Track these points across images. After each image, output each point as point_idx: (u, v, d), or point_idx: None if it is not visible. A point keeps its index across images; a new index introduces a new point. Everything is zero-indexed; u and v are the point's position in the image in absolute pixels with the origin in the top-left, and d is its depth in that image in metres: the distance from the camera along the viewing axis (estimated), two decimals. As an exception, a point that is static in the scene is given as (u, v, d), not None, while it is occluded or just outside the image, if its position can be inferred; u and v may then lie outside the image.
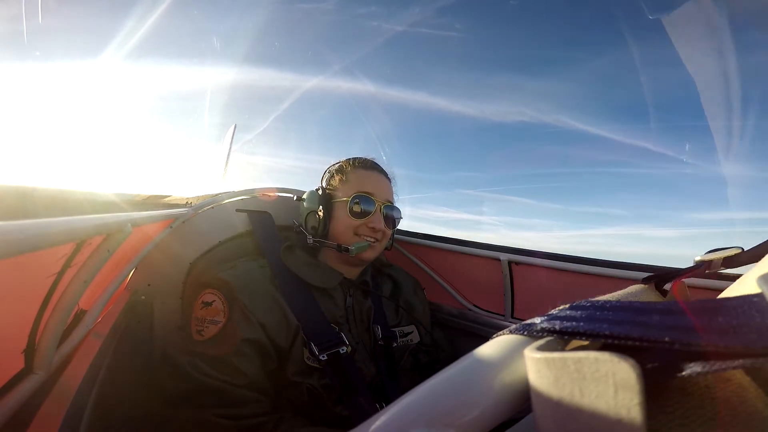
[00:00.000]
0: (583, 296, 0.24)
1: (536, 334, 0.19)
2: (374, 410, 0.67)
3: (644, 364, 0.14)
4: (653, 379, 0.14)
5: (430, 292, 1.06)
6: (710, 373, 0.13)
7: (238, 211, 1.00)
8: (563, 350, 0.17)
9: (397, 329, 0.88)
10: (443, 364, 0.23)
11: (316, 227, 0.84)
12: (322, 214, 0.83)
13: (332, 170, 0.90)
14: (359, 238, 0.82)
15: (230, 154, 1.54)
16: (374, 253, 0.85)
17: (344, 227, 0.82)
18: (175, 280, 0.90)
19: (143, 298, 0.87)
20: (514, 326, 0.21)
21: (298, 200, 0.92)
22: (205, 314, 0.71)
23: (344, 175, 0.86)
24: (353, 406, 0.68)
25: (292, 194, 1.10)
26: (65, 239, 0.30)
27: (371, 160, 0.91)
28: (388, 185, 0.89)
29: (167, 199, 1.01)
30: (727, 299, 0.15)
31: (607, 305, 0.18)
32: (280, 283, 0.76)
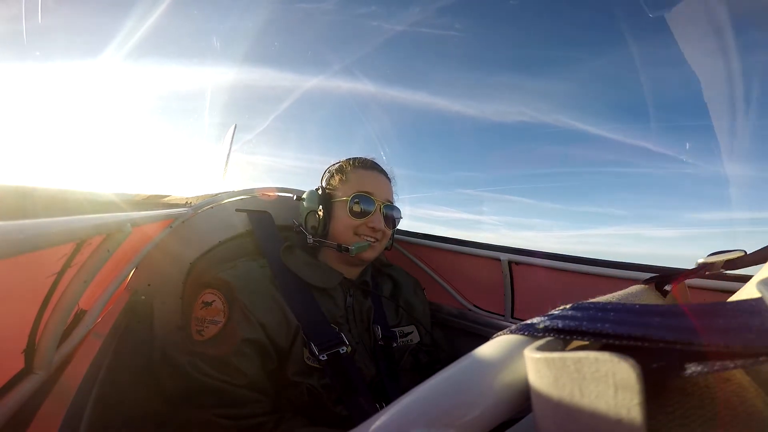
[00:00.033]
0: (583, 296, 0.24)
1: (537, 333, 0.19)
2: (374, 410, 0.67)
3: (644, 364, 0.14)
4: (653, 379, 0.14)
5: (430, 292, 1.06)
6: (711, 373, 0.13)
7: (237, 211, 1.00)
8: (563, 350, 0.17)
9: (397, 329, 0.88)
10: (443, 364, 0.23)
11: (315, 227, 0.84)
12: (322, 213, 0.83)
13: (332, 170, 0.90)
14: (359, 237, 0.82)
15: (230, 154, 1.54)
16: (374, 252, 0.85)
17: (344, 227, 0.82)
18: (175, 280, 0.90)
19: (143, 298, 0.87)
20: (514, 326, 0.21)
21: (297, 200, 0.92)
22: (205, 314, 0.71)
23: (344, 174, 0.86)
24: (353, 406, 0.68)
25: (291, 194, 1.10)
26: (65, 239, 0.30)
27: (371, 160, 0.91)
28: (388, 185, 0.89)
29: (167, 199, 1.01)
30: (725, 303, 0.16)
31: (608, 306, 0.18)
32: (280, 283, 0.76)
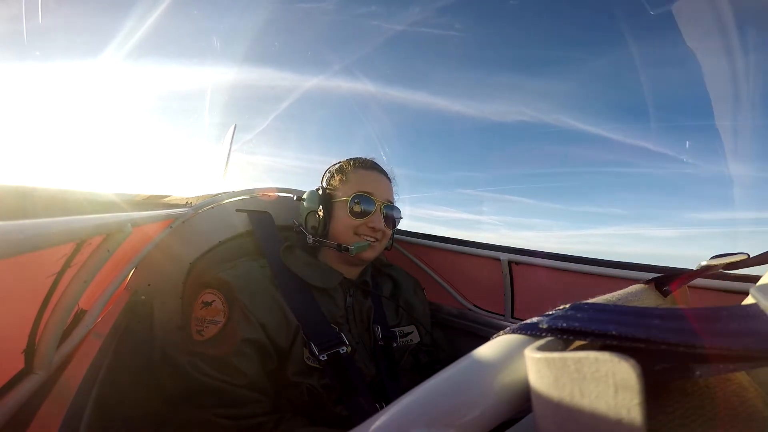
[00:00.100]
0: (583, 296, 0.24)
1: (538, 333, 0.19)
2: (374, 410, 0.67)
3: (644, 365, 0.14)
4: (653, 379, 0.14)
5: (430, 292, 1.06)
6: (712, 376, 0.14)
7: (238, 211, 1.00)
8: (563, 350, 0.17)
9: (397, 329, 0.88)
10: (443, 364, 0.23)
11: (316, 227, 0.84)
12: (322, 213, 0.83)
13: (332, 170, 0.90)
14: (359, 237, 0.82)
15: (230, 154, 1.54)
16: (374, 252, 0.85)
17: (344, 227, 0.82)
18: (175, 280, 0.90)
19: (143, 298, 0.87)
20: (514, 326, 0.21)
21: (298, 200, 0.92)
22: (205, 314, 0.71)
23: (344, 175, 0.86)
24: (353, 406, 0.68)
25: (292, 194, 1.10)
26: (65, 239, 0.30)
27: (371, 160, 0.91)
28: (388, 185, 0.89)
29: (167, 199, 1.01)
30: (723, 307, 0.16)
31: (608, 307, 0.18)
32: (280, 283, 0.76)
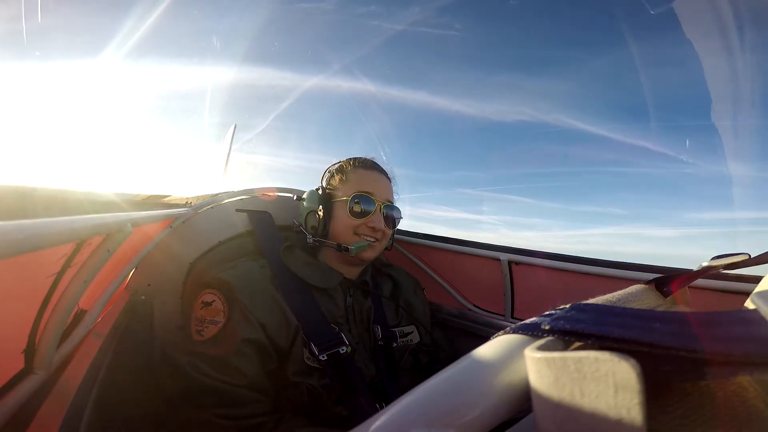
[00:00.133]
0: (583, 296, 0.24)
1: (539, 334, 0.19)
2: (374, 410, 0.67)
3: (644, 365, 0.14)
4: (653, 379, 0.14)
5: (430, 292, 1.06)
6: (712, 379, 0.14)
7: (238, 211, 1.00)
8: (563, 350, 0.17)
9: (397, 329, 0.88)
10: (443, 364, 0.23)
11: (315, 227, 0.84)
12: (321, 213, 0.83)
13: (332, 170, 0.90)
14: (359, 237, 0.82)
15: (230, 153, 1.54)
16: (374, 252, 0.85)
17: (344, 227, 0.82)
18: (175, 280, 0.90)
19: (143, 298, 0.87)
20: (514, 326, 0.21)
21: (297, 200, 0.92)
22: (204, 314, 0.71)
23: (344, 174, 0.86)
24: (353, 406, 0.68)
25: (291, 194, 1.10)
26: (65, 239, 0.30)
27: (371, 159, 0.91)
28: (388, 185, 0.89)
29: (167, 199, 1.01)
30: (723, 312, 0.16)
31: (609, 309, 0.18)
32: (280, 283, 0.76)
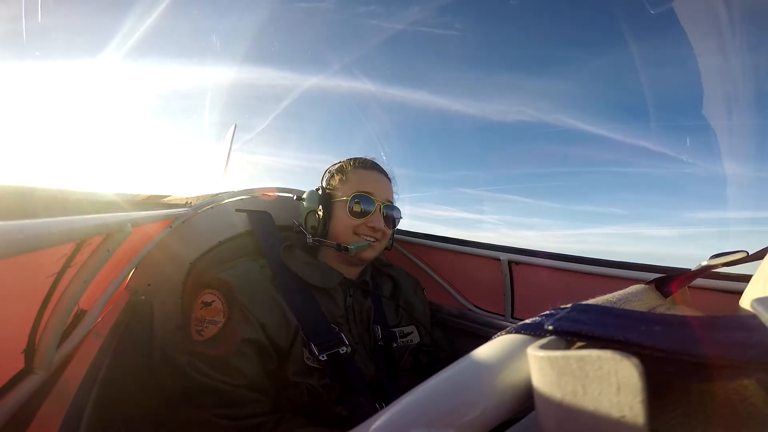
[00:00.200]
0: (583, 296, 0.24)
1: (541, 334, 0.19)
2: (374, 410, 0.67)
3: (646, 364, 0.14)
4: (655, 377, 0.14)
5: (430, 292, 1.06)
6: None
7: (237, 211, 1.00)
8: (566, 349, 0.17)
9: (397, 329, 0.88)
10: (443, 364, 0.23)
11: (315, 227, 0.84)
12: (321, 213, 0.83)
13: (332, 170, 0.90)
14: (359, 237, 0.82)
15: (230, 153, 1.54)
16: (374, 252, 0.85)
17: (344, 227, 0.82)
18: (175, 280, 0.90)
19: (143, 298, 0.87)
20: (515, 326, 0.21)
21: (297, 200, 0.92)
22: (204, 314, 0.71)
23: (344, 174, 0.86)
24: (353, 406, 0.68)
25: (291, 194, 1.10)
26: (65, 239, 0.30)
27: (371, 159, 0.91)
28: (388, 185, 0.89)
29: (167, 199, 1.01)
30: (724, 316, 0.16)
31: (611, 310, 0.18)
32: (280, 283, 0.76)
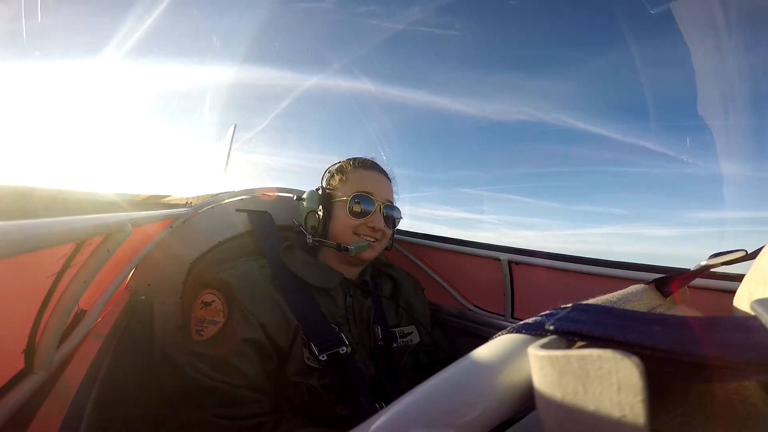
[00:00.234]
0: (583, 296, 0.24)
1: (541, 333, 0.19)
2: (374, 410, 0.67)
3: (646, 364, 0.14)
4: (655, 377, 0.14)
5: (430, 292, 1.06)
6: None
7: (238, 211, 1.00)
8: (566, 348, 0.17)
9: (397, 329, 0.88)
10: (443, 364, 0.23)
11: (315, 227, 0.84)
12: (321, 213, 0.83)
13: (332, 170, 0.90)
14: (359, 237, 0.82)
15: (230, 153, 1.54)
16: (374, 252, 0.85)
17: (344, 227, 0.82)
18: (175, 280, 0.90)
19: (143, 298, 0.87)
20: (515, 325, 0.21)
21: (297, 200, 0.92)
22: (204, 314, 0.71)
23: (344, 174, 0.86)
24: (353, 406, 0.68)
25: (291, 194, 1.10)
26: (65, 239, 0.30)
27: (371, 159, 0.91)
28: (388, 185, 0.89)
29: (167, 199, 1.01)
30: (724, 317, 0.16)
31: (611, 311, 0.18)
32: (280, 283, 0.76)
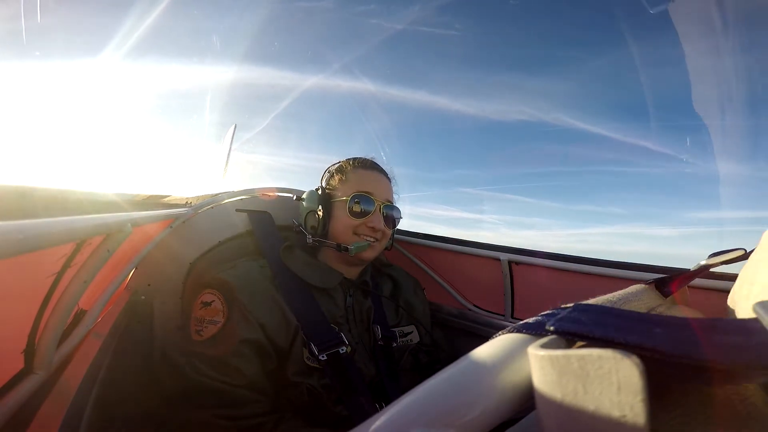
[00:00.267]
0: (583, 296, 0.24)
1: (542, 333, 0.19)
2: (374, 410, 0.67)
3: (646, 363, 0.14)
4: (655, 377, 0.14)
5: (430, 292, 1.06)
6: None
7: (238, 211, 1.00)
8: (567, 348, 0.17)
9: (396, 329, 0.88)
10: (443, 364, 0.23)
11: (315, 227, 0.84)
12: (321, 213, 0.83)
13: (332, 170, 0.90)
14: (359, 237, 0.82)
15: (230, 153, 1.53)
16: (374, 252, 0.85)
17: (344, 227, 0.82)
18: (175, 280, 0.90)
19: (143, 298, 0.87)
20: (515, 325, 0.21)
21: (297, 200, 0.92)
22: (204, 314, 0.71)
23: (344, 174, 0.86)
24: (353, 406, 0.68)
25: (291, 194, 1.10)
26: (65, 239, 0.30)
27: (371, 159, 0.91)
28: (387, 185, 0.89)
29: (167, 199, 1.01)
30: (725, 319, 0.16)
31: (611, 311, 0.18)
32: (280, 283, 0.76)
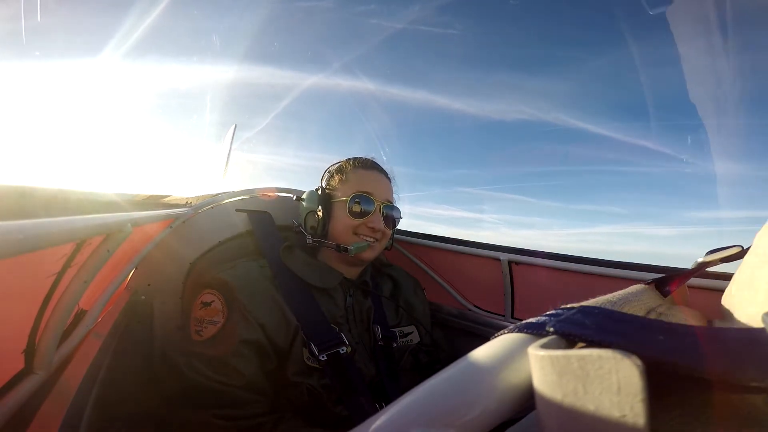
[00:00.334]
0: (583, 296, 0.24)
1: (543, 333, 0.19)
2: (374, 410, 0.67)
3: (647, 364, 0.14)
4: (656, 377, 0.14)
5: (430, 292, 1.06)
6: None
7: (238, 211, 1.00)
8: (567, 348, 0.17)
9: (397, 329, 0.88)
10: (443, 364, 0.23)
11: (315, 227, 0.84)
12: (321, 214, 0.83)
13: (332, 170, 0.90)
14: (358, 237, 0.82)
15: (230, 153, 1.53)
16: (374, 252, 0.85)
17: (343, 227, 0.82)
18: (175, 280, 0.90)
19: (143, 298, 0.87)
20: (516, 325, 0.21)
21: (297, 200, 0.92)
22: (203, 314, 0.71)
23: (344, 174, 0.86)
24: (353, 406, 0.68)
25: (291, 194, 1.10)
26: (65, 239, 0.30)
27: (371, 159, 0.91)
28: (387, 185, 0.89)
29: (167, 199, 1.01)
30: (729, 329, 0.16)
31: (614, 315, 0.18)
32: (279, 283, 0.76)
